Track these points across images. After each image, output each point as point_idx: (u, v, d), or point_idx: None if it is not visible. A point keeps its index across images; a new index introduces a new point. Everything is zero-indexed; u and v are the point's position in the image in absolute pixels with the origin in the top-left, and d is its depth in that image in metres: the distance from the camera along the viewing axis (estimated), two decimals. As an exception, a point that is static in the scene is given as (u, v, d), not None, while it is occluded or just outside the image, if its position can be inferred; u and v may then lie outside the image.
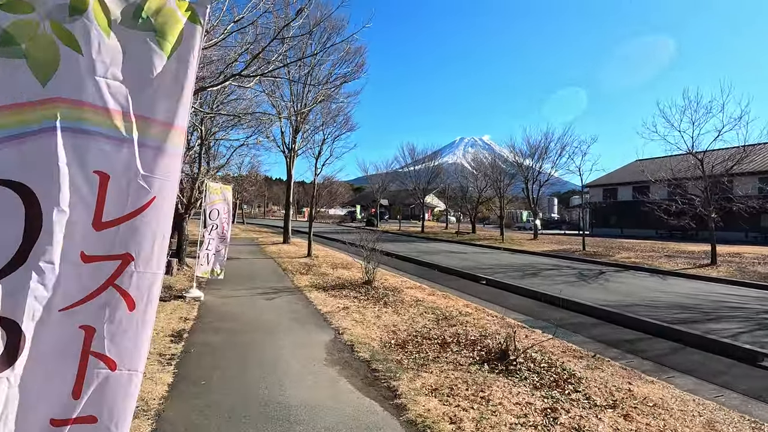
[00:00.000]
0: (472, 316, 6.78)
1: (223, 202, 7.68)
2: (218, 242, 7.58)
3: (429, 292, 8.77)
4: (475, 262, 14.95)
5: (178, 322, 5.77)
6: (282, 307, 7.03)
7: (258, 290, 8.39)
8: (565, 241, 27.60)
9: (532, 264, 14.95)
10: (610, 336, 6.22)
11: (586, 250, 19.90)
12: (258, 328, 5.68)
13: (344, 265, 12.73)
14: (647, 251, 19.87)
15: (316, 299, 7.65)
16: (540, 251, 20.00)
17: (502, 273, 12.14)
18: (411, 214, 65.31)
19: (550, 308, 8.01)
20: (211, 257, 7.70)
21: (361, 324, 6.04)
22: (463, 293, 9.20)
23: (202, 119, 10.17)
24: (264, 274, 10.72)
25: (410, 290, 8.92)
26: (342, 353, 4.76)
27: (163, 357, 4.38)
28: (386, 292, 8.39)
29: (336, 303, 7.39)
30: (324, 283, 9.40)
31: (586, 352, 5.13)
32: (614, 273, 13.04)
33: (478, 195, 34.27)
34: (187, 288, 7.81)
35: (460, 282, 10.80)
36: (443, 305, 7.50)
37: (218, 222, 7.48)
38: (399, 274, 11.56)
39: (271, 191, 73.71)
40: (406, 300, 7.82)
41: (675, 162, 18.14)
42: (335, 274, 10.86)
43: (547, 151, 28.92)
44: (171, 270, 9.37)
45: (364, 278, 9.25)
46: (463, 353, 4.84)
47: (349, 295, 8.13)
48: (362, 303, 7.45)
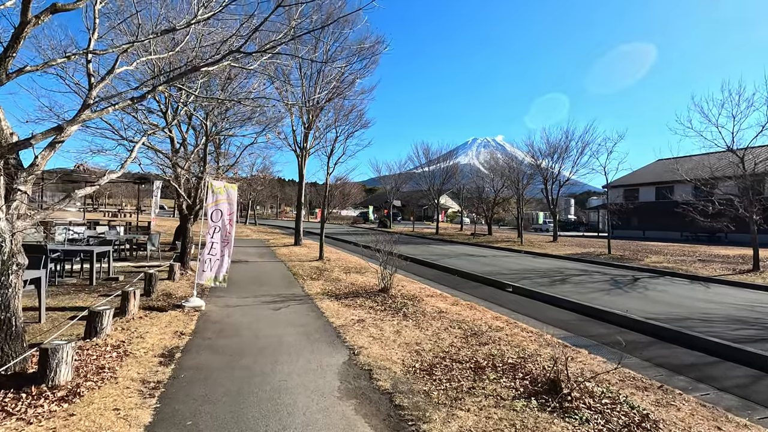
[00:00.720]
0: (504, 331, 5.96)
1: (227, 203, 6.99)
2: (222, 246, 6.89)
3: (452, 302, 7.96)
4: (497, 267, 14.06)
5: (172, 337, 5.07)
6: (290, 319, 6.30)
7: (265, 298, 7.69)
8: (587, 243, 26.47)
9: (558, 269, 13.99)
10: (670, 359, 5.33)
11: (611, 254, 18.84)
12: (262, 347, 4.95)
13: (358, 269, 11.99)
14: (678, 255, 18.71)
15: (328, 309, 6.91)
16: (563, 254, 18.98)
17: (527, 279, 11.25)
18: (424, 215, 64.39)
19: (589, 321, 7.14)
20: (215, 263, 7.02)
21: (380, 341, 5.27)
22: (489, 302, 8.37)
23: (207, 114, 9.53)
24: (273, 279, 10.04)
25: (431, 299, 8.13)
26: (358, 381, 4.00)
27: (147, 385, 3.67)
28: (405, 302, 7.61)
29: (350, 314, 6.63)
30: (336, 290, 8.66)
31: (649, 380, 4.27)
32: (650, 279, 12.02)
33: (495, 195, 33.26)
34: (187, 296, 7.15)
35: (484, 289, 9.95)
36: (470, 317, 6.69)
37: (221, 224, 6.79)
38: (416, 279, 10.77)
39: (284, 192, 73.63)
40: (428, 311, 7.03)
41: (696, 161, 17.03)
42: (348, 279, 10.12)
43: (567, 150, 27.78)
44: (173, 275, 8.73)
45: (380, 285, 8.49)
46: (503, 382, 4.03)
47: (364, 304, 7.37)
48: (379, 314, 6.68)
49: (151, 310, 6.27)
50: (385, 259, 8.30)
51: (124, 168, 4.62)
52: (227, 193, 6.89)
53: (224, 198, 6.88)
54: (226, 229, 6.88)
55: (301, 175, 19.14)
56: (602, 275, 12.66)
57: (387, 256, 8.29)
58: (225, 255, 6.99)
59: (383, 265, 8.36)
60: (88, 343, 4.49)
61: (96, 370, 3.84)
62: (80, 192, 3.97)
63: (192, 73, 4.14)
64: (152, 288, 7.11)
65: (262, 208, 79.62)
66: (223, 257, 6.97)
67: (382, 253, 8.45)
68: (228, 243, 6.94)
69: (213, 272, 6.91)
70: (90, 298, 6.85)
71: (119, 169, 4.59)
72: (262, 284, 9.20)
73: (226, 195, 6.92)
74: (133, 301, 5.77)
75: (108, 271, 8.72)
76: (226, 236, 6.90)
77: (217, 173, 11.99)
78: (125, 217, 34.60)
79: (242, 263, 12.58)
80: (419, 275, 11.79)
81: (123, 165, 4.65)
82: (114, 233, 12.30)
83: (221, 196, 6.82)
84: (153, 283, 7.11)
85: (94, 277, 7.85)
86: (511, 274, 12.40)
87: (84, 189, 4.02)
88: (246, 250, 16.81)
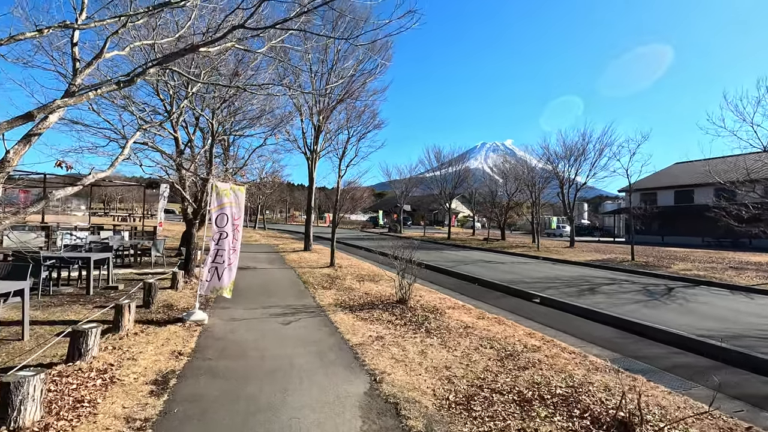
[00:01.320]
0: (542, 351, 5.25)
1: (234, 206, 6.40)
2: (228, 254, 6.28)
3: (477, 315, 7.26)
4: (518, 275, 13.30)
5: (168, 359, 4.46)
6: (301, 335, 5.66)
7: (274, 310, 7.07)
8: (605, 249, 25.53)
9: (583, 277, 13.18)
10: (744, 388, 4.57)
11: (635, 260, 17.93)
12: (270, 370, 4.32)
13: (371, 277, 11.34)
14: (706, 262, 17.74)
15: (342, 324, 6.26)
16: (583, 261, 18.12)
17: (553, 288, 10.49)
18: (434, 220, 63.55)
19: (634, 339, 6.39)
20: (222, 271, 6.40)
21: (404, 365, 4.60)
22: (517, 315, 7.65)
23: (213, 112, 9.00)
24: (282, 287, 9.43)
25: (454, 311, 7.44)
26: (384, 419, 3.34)
27: (131, 424, 3.05)
28: (426, 315, 6.94)
29: (367, 330, 5.98)
30: (350, 301, 8.01)
31: (732, 419, 3.54)
32: (685, 289, 11.17)
33: (508, 200, 32.43)
34: (190, 308, 6.56)
35: (509, 300, 9.22)
36: (500, 334, 5.98)
37: (227, 230, 6.19)
38: (435, 288, 10.08)
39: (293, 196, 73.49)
40: (452, 326, 6.34)
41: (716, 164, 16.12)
42: (362, 288, 9.47)
43: (584, 153, 26.89)
44: (176, 284, 8.17)
45: (398, 295, 7.82)
46: (558, 422, 3.34)
47: (381, 318, 6.71)
48: (399, 330, 6.01)
49: (148, 324, 5.69)
50: (404, 267, 7.63)
51: (113, 167, 4.04)
52: (234, 196, 6.29)
53: (231, 201, 6.29)
54: (233, 235, 6.29)
55: (311, 178, 18.61)
56: (632, 284, 11.83)
57: (406, 265, 7.62)
58: (231, 263, 6.38)
59: (401, 275, 7.70)
60: (69, 367, 3.89)
61: (73, 405, 3.23)
62: (59, 193, 3.39)
63: (190, 53, 3.55)
64: (151, 299, 6.53)
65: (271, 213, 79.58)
66: (229, 265, 6.37)
67: (400, 261, 7.79)
68: (235, 250, 6.34)
69: (218, 282, 6.31)
70: (84, 309, 6.29)
71: (108, 168, 4.01)
72: (271, 294, 8.59)
73: (233, 198, 6.33)
74: (127, 316, 5.19)
75: (108, 279, 8.18)
76: (232, 243, 6.30)
77: (225, 176, 11.48)
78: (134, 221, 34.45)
79: (250, 270, 12.01)
80: (437, 283, 11.09)
81: (113, 164, 4.07)
82: (118, 239, 11.83)
83: (227, 199, 6.22)
84: (152, 293, 6.54)
85: (92, 287, 7.31)
86: (534, 282, 11.64)
87: (64, 190, 3.44)
88: (255, 255, 16.26)
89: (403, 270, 7.64)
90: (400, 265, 7.73)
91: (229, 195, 6.26)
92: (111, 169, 4.00)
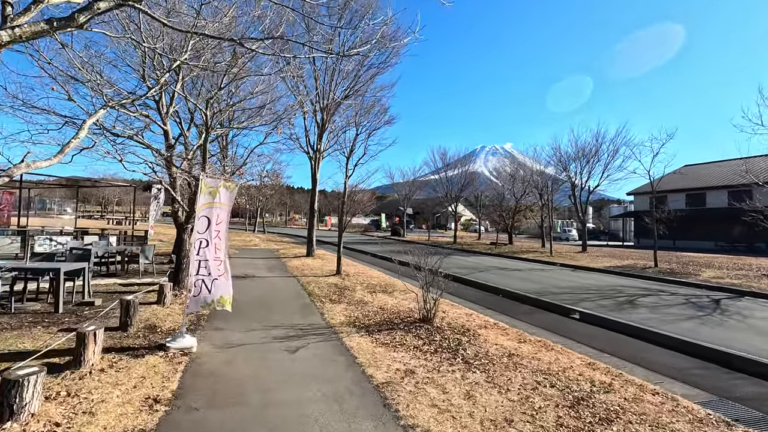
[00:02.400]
0: (618, 392, 4.15)
1: (219, 208, 5.25)
2: (214, 265, 5.16)
3: (516, 337, 6.16)
4: (540, 284, 12.20)
5: (139, 410, 3.36)
6: (312, 368, 4.55)
7: (277, 331, 5.96)
8: (619, 254, 24.44)
9: (612, 286, 12.07)
10: None
11: (659, 267, 16.84)
12: (274, 428, 3.22)
13: (383, 287, 10.23)
14: (733, 269, 16.64)
15: (360, 352, 5.15)
16: (602, 267, 17.02)
17: (588, 301, 9.39)
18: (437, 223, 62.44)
19: (718, 369, 5.30)
20: (211, 283, 5.27)
21: (450, 416, 3.50)
22: (561, 336, 6.56)
23: (208, 101, 7.92)
24: (285, 301, 8.33)
25: (486, 332, 6.35)
26: None
27: None
28: (457, 338, 5.84)
29: (391, 360, 4.87)
30: (365, 318, 6.91)
31: None
32: (732, 302, 10.08)
33: (516, 203, 31.35)
34: (177, 329, 5.46)
35: (542, 316, 8.13)
36: (554, 365, 4.89)
37: (208, 237, 5.03)
38: (455, 300, 8.98)
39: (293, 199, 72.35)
40: (492, 352, 5.25)
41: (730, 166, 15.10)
42: (376, 302, 8.37)
43: (598, 154, 25.85)
44: (163, 298, 7.06)
45: (420, 313, 6.73)
46: None
47: (405, 341, 5.61)
48: (431, 360, 4.91)
49: (122, 354, 4.58)
50: (429, 280, 6.53)
51: (62, 153, 2.96)
52: (220, 195, 5.17)
53: (217, 201, 5.17)
54: (214, 244, 5.14)
55: (314, 179, 17.53)
56: (671, 295, 10.73)
57: (432, 277, 6.52)
58: (221, 275, 5.26)
59: (426, 288, 6.59)
60: (-6, 434, 2.79)
61: None
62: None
63: None
64: (130, 319, 5.43)
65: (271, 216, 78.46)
66: (219, 277, 5.24)
67: (424, 272, 6.70)
68: (219, 260, 5.21)
69: (208, 295, 5.18)
70: (45, 334, 5.17)
71: (55, 156, 2.92)
72: (272, 309, 7.48)
73: (220, 197, 5.20)
74: (92, 347, 4.09)
75: (83, 293, 7.07)
76: (215, 252, 5.17)
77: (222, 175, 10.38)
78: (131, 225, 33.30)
79: (249, 278, 10.91)
80: (456, 294, 9.98)
81: (62, 150, 2.99)
82: (103, 244, 10.73)
83: (214, 199, 5.12)
84: (131, 312, 5.43)
85: (61, 303, 6.19)
86: (562, 293, 10.55)
87: (-21, 183, 2.35)
88: (254, 261, 15.15)
89: (429, 283, 6.53)
90: (425, 278, 6.63)
91: (215, 194, 5.14)
92: (59, 157, 2.92)
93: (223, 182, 5.20)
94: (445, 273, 6.77)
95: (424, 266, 6.74)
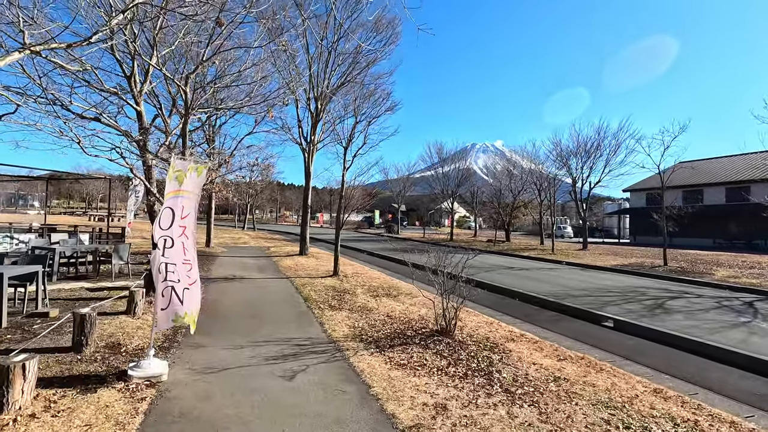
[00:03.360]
0: (708, 433, 3.23)
1: (186, 197, 4.15)
2: (184, 271, 4.09)
3: (553, 353, 5.22)
4: (554, 285, 11.33)
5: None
6: (315, 405, 3.55)
7: (269, 348, 4.94)
8: (621, 252, 23.81)
9: (634, 288, 11.22)
10: None
11: (669, 266, 16.13)
12: None
13: (387, 290, 9.24)
14: (744, 267, 15.99)
15: (374, 376, 4.16)
16: (610, 266, 16.24)
17: (614, 305, 8.52)
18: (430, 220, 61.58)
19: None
20: (185, 295, 4.18)
21: (513, 485, 2.53)
22: (600, 350, 5.65)
23: (187, 78, 6.82)
24: (278, 307, 7.30)
25: (516, 346, 5.41)
26: None
27: None
28: (486, 355, 4.89)
29: (414, 389, 3.89)
30: (372, 330, 5.92)
31: None
32: (766, 305, 9.29)
33: (513, 199, 30.58)
34: (146, 347, 4.42)
35: (570, 324, 7.22)
36: (613, 392, 3.96)
37: (171, 234, 3.94)
38: (470, 306, 8.02)
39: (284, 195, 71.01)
40: (533, 375, 4.30)
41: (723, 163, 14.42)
42: (381, 308, 7.38)
43: (599, 149, 25.14)
44: (134, 307, 5.98)
45: (438, 324, 5.77)
46: None
47: (425, 361, 4.63)
48: (461, 387, 3.94)
49: (68, 387, 3.52)
50: (450, 287, 5.56)
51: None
52: (190, 181, 4.08)
53: (183, 189, 4.09)
54: (181, 243, 4.06)
55: (307, 172, 16.44)
56: (699, 298, 9.92)
57: (455, 283, 5.55)
58: (193, 283, 4.21)
59: (444, 296, 5.62)
60: None
61: None
62: None
63: None
64: (85, 338, 4.35)
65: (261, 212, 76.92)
66: (191, 286, 4.19)
67: (442, 276, 5.72)
68: (189, 263, 4.14)
69: (180, 307, 4.12)
70: (-26, 359, 4.09)
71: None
72: (264, 318, 6.45)
73: (189, 182, 4.12)
74: (19, 384, 3.04)
75: (37, 302, 5.94)
76: (183, 253, 4.10)
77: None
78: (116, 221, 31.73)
79: (237, 280, 9.84)
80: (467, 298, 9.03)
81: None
82: (72, 243, 9.56)
83: (180, 186, 4.04)
84: (87, 329, 4.36)
85: (5, 316, 5.08)
86: (581, 296, 9.67)
87: None
88: (244, 261, 14.05)
89: (449, 290, 5.56)
90: (441, 284, 5.66)
91: (182, 179, 4.06)
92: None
93: (192, 164, 4.13)
94: (466, 278, 5.81)
95: (442, 268, 5.77)
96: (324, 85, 15.04)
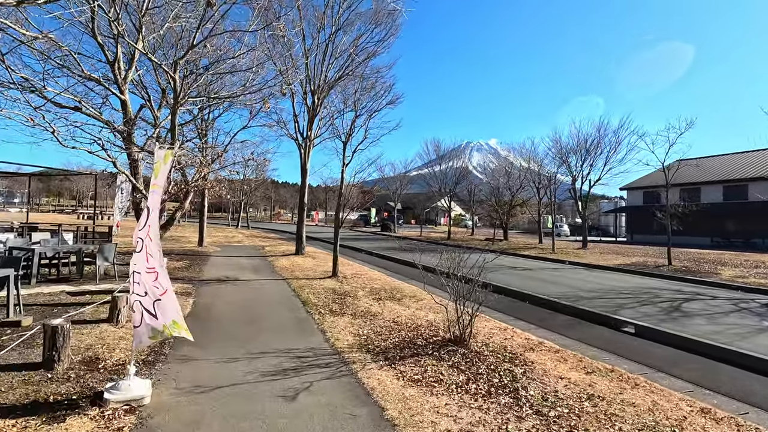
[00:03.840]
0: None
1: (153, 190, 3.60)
2: (150, 280, 3.54)
3: (578, 364, 4.77)
4: (561, 285, 10.92)
5: None
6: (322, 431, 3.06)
7: (265, 361, 4.44)
8: (621, 251, 23.52)
9: (644, 289, 10.84)
10: None
11: (673, 265, 15.83)
12: None
13: (390, 292, 8.76)
14: (748, 267, 15.74)
15: (386, 396, 3.67)
16: (614, 266, 15.90)
17: (628, 308, 8.11)
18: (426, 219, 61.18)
19: None
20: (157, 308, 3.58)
21: None
22: (628, 360, 5.22)
23: (175, 64, 6.27)
24: (275, 313, 6.79)
25: (535, 355, 4.96)
26: None
27: None
28: (507, 368, 4.43)
29: (433, 411, 3.41)
30: (378, 338, 5.44)
31: None
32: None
33: (512, 197, 30.22)
34: (123, 367, 3.90)
35: (587, 330, 6.78)
36: (657, 413, 3.51)
37: (141, 235, 3.36)
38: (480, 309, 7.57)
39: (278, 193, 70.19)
40: (563, 392, 3.85)
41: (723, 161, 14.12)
42: (386, 312, 6.90)
43: (600, 146, 24.82)
44: (117, 314, 5.44)
45: (451, 332, 5.30)
46: None
47: (441, 375, 4.16)
48: (487, 409, 3.47)
49: (32, 416, 3.00)
50: (465, 293, 5.09)
51: None
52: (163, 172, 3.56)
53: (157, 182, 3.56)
54: (147, 247, 3.50)
55: (303, 169, 15.90)
56: (714, 299, 9.56)
57: (471, 288, 5.09)
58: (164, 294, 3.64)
59: (459, 302, 5.16)
60: None
61: None
62: None
63: None
64: (58, 353, 3.82)
65: (255, 211, 76.06)
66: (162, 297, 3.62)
67: (455, 280, 5.26)
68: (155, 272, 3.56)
69: (155, 321, 3.58)
70: (-76, 379, 3.54)
71: None
72: (260, 325, 5.94)
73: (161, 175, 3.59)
74: (-34, 418, 2.51)
75: (7, 309, 5.38)
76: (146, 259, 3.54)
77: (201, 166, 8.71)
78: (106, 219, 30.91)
79: (230, 282, 9.30)
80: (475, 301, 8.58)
81: None
82: (53, 243, 8.96)
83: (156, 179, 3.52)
84: (59, 343, 3.83)
85: (-32, 326, 4.54)
86: (592, 297, 9.26)
87: None
88: (238, 261, 13.50)
89: (464, 296, 5.09)
90: (455, 289, 5.19)
91: (157, 170, 3.53)
92: None
93: (167, 152, 3.59)
94: (482, 282, 5.35)
95: (455, 271, 5.31)
96: (321, 78, 14.50)
